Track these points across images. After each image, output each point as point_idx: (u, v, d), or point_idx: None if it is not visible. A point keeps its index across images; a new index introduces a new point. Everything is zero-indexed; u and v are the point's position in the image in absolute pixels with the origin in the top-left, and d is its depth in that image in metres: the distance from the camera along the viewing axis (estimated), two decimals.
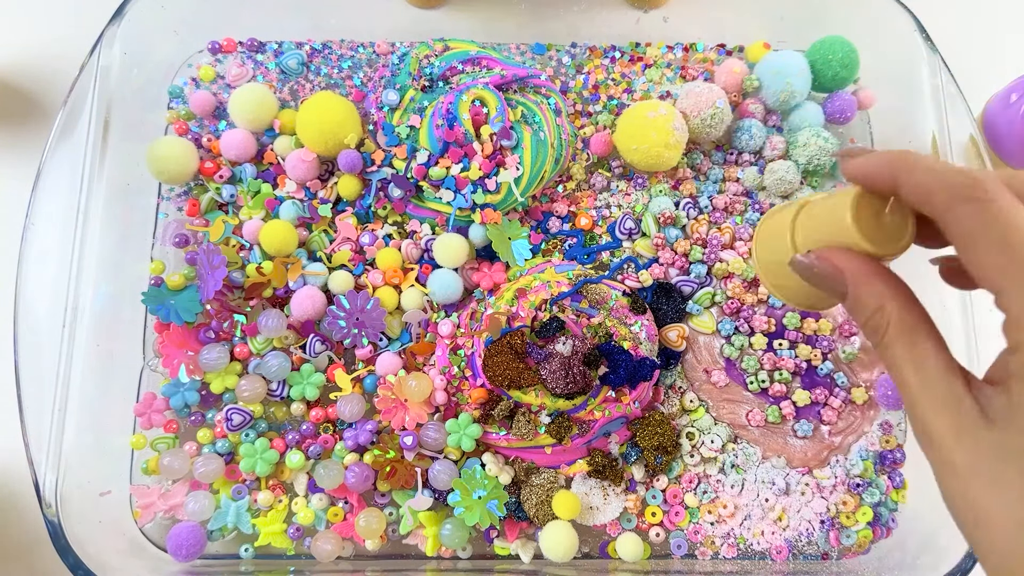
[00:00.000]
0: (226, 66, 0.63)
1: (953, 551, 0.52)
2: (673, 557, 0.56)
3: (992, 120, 0.63)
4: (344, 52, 0.64)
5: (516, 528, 0.55)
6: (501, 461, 0.55)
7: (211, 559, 0.56)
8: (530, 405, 0.53)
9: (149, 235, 0.60)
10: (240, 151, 0.60)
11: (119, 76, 0.59)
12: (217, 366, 0.55)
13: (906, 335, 0.28)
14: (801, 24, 0.65)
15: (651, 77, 0.65)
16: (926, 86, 0.61)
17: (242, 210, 0.60)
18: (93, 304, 0.55)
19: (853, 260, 0.29)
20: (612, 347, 0.53)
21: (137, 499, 0.55)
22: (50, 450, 0.51)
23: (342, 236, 0.59)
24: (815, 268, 0.30)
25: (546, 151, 0.57)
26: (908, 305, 0.29)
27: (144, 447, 0.56)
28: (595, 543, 0.57)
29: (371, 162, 0.58)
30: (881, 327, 0.28)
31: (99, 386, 0.55)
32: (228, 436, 0.56)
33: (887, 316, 0.28)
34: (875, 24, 0.63)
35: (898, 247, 0.30)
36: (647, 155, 0.59)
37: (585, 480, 0.56)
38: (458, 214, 0.57)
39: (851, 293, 0.29)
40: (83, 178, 0.56)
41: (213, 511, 0.55)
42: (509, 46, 0.65)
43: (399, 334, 0.58)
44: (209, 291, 0.53)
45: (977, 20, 0.74)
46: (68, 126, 0.56)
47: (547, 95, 0.60)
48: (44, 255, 0.55)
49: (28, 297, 0.54)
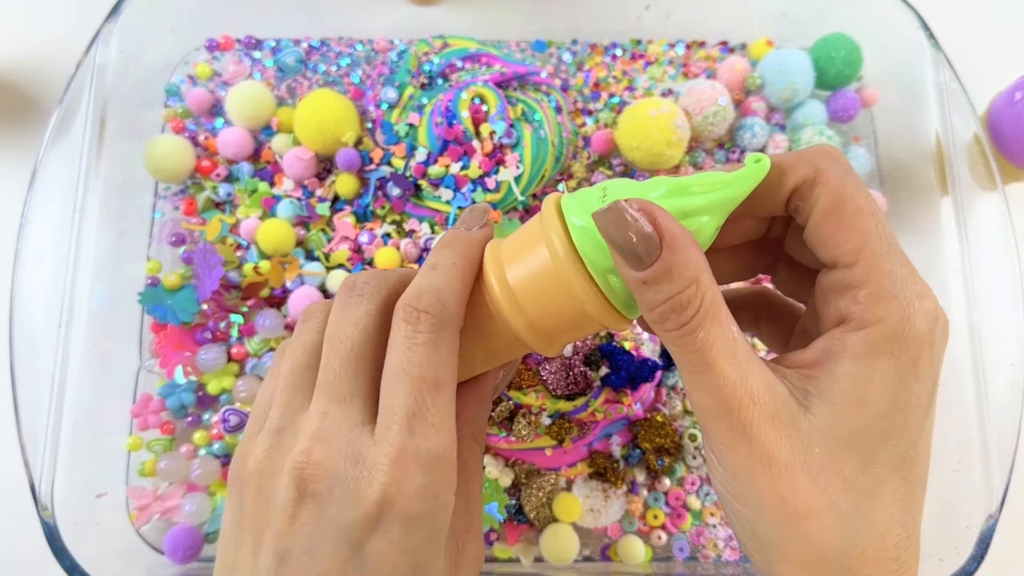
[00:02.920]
0: (223, 63, 0.63)
1: (956, 553, 0.51)
2: (675, 560, 0.56)
3: (996, 118, 0.62)
4: (342, 49, 0.64)
5: (516, 531, 0.55)
6: (501, 463, 0.55)
7: (208, 562, 0.55)
8: (530, 406, 0.53)
9: (145, 234, 0.60)
10: (237, 149, 0.59)
11: (115, 74, 0.58)
12: (214, 367, 0.55)
13: (719, 314, 0.25)
14: (804, 21, 0.65)
15: (653, 74, 0.64)
16: (930, 84, 0.60)
17: (239, 209, 0.59)
18: (89, 304, 0.55)
19: (672, 221, 0.25)
20: (613, 348, 0.53)
21: (133, 501, 0.55)
22: (46, 451, 0.51)
23: (340, 235, 0.58)
24: (631, 221, 0.25)
25: (547, 149, 0.57)
26: (714, 282, 0.25)
27: (140, 449, 0.55)
28: (596, 546, 0.56)
29: (369, 160, 0.57)
30: (693, 303, 0.24)
31: (95, 387, 0.54)
32: (224, 438, 0.55)
33: (702, 290, 0.24)
34: (878, 22, 0.62)
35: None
36: (649, 153, 0.58)
37: (586, 482, 0.56)
38: (457, 213, 0.56)
39: (665, 258, 0.24)
40: (79, 176, 0.56)
41: (210, 513, 0.54)
42: (509, 43, 0.65)
43: None
44: (206, 291, 0.53)
45: (981, 18, 0.73)
46: (64, 124, 0.56)
47: (547, 92, 0.60)
48: (40, 254, 0.54)
49: (23, 297, 0.53)
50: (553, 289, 0.28)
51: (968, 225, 0.57)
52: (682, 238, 0.25)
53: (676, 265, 0.24)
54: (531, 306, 0.29)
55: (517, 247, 0.29)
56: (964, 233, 0.57)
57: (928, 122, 0.60)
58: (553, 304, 0.28)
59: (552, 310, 0.28)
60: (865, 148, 0.64)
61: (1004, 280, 0.55)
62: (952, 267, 0.57)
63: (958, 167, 0.58)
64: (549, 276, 0.28)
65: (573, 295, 0.28)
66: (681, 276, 0.24)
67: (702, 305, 0.24)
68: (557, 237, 0.27)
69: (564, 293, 0.28)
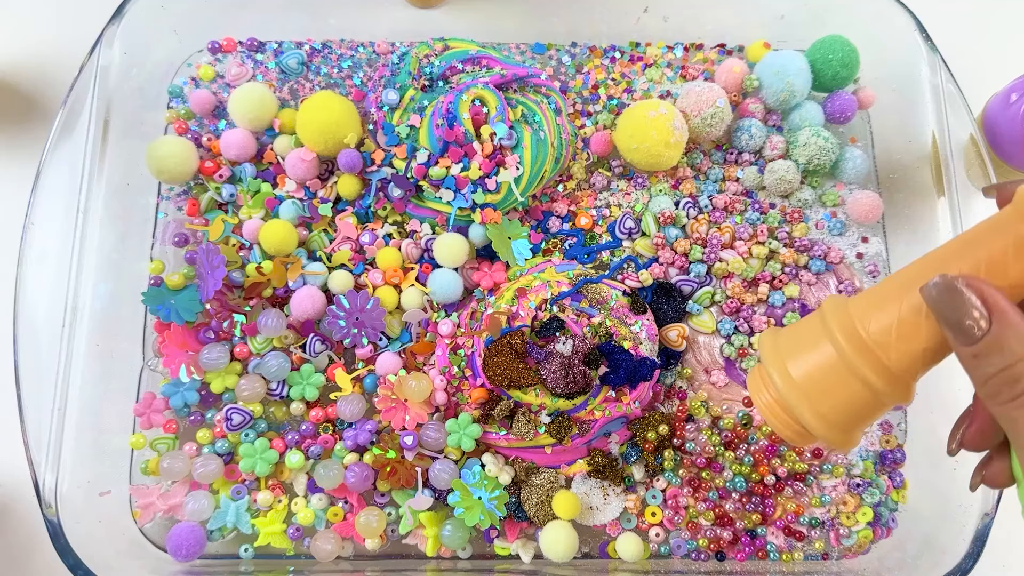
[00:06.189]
0: (226, 65, 0.63)
1: (953, 551, 0.52)
2: (673, 557, 0.56)
3: (992, 120, 0.63)
4: (344, 51, 0.64)
5: (516, 528, 0.55)
6: (501, 461, 0.55)
7: (211, 559, 0.56)
8: (530, 405, 0.53)
9: (149, 235, 0.60)
10: (240, 150, 0.60)
11: (119, 76, 0.59)
12: (217, 366, 0.55)
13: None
14: (801, 24, 0.65)
15: (651, 76, 0.65)
16: (926, 86, 0.61)
17: (242, 209, 0.60)
18: (93, 304, 0.55)
19: (998, 296, 0.25)
20: (612, 347, 0.53)
21: (137, 499, 0.55)
22: (50, 450, 0.51)
23: (342, 235, 0.59)
24: (959, 292, 0.25)
25: (546, 150, 0.57)
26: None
27: (144, 447, 0.55)
28: (595, 543, 0.56)
29: (371, 162, 0.58)
30: (1022, 380, 0.24)
31: (99, 386, 0.55)
32: (228, 436, 0.56)
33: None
34: (875, 24, 0.63)
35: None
36: (647, 154, 0.59)
37: (585, 480, 0.56)
38: (458, 214, 0.57)
39: (994, 332, 0.25)
40: (83, 178, 0.56)
41: (213, 511, 0.55)
42: (509, 45, 0.65)
43: (399, 334, 0.58)
44: (209, 291, 0.53)
45: (977, 20, 0.74)
46: (68, 125, 0.56)
47: (547, 94, 0.60)
48: (44, 255, 0.55)
49: (28, 297, 0.54)
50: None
51: (964, 226, 0.58)
52: (1010, 312, 0.25)
53: (1006, 339, 0.25)
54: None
55: (798, 345, 0.32)
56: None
57: (925, 123, 0.61)
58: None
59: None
60: (862, 149, 0.64)
61: None
62: None
63: (954, 168, 0.58)
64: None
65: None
66: (1012, 350, 0.25)
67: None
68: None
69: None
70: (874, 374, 0.30)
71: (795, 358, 0.32)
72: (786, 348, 0.32)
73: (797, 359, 0.32)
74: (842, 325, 0.31)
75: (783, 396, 0.31)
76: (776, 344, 0.33)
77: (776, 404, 0.32)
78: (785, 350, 0.32)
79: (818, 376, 0.31)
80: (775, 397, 0.32)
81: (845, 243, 0.62)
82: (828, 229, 0.62)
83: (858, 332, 0.30)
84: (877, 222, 0.62)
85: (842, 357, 0.30)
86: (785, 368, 0.32)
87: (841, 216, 0.62)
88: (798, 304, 0.59)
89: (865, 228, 0.62)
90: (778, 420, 0.33)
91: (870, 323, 0.30)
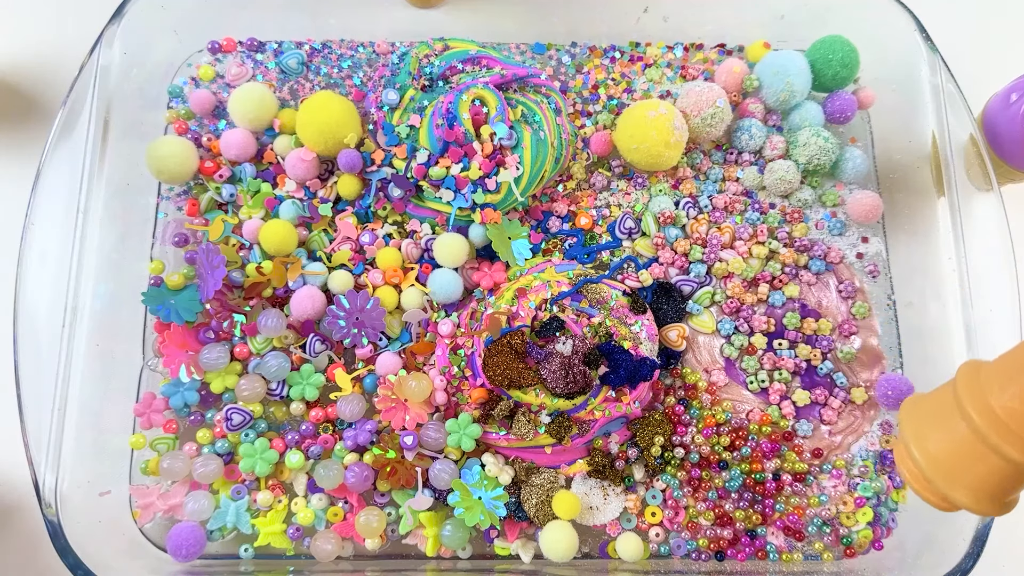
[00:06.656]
0: (226, 65, 0.63)
1: (953, 551, 0.52)
2: (673, 557, 0.56)
3: (992, 120, 0.63)
4: (344, 52, 0.64)
5: (516, 528, 0.55)
6: (501, 461, 0.55)
7: (211, 559, 0.56)
8: (530, 405, 0.53)
9: (149, 235, 0.60)
10: (240, 150, 0.60)
11: (119, 76, 0.59)
12: (217, 366, 0.55)
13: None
14: (801, 24, 0.65)
15: (651, 76, 0.65)
16: (926, 86, 0.61)
17: (242, 209, 0.60)
18: (93, 304, 0.55)
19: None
20: (612, 347, 0.53)
21: (136, 499, 0.55)
22: (50, 450, 0.51)
23: (342, 235, 0.59)
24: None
25: (546, 150, 0.57)
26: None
27: (144, 447, 0.55)
28: (595, 543, 0.56)
29: (371, 162, 0.58)
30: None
31: (99, 386, 0.55)
32: (228, 436, 0.56)
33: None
34: (875, 24, 0.63)
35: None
36: (647, 154, 0.59)
37: (585, 480, 0.56)
38: (458, 214, 0.57)
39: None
40: (83, 178, 0.56)
41: (213, 511, 0.55)
42: (509, 45, 0.65)
43: (399, 334, 0.58)
44: (209, 291, 0.53)
45: (977, 20, 0.74)
46: (68, 126, 0.56)
47: (547, 94, 0.60)
48: (44, 255, 0.55)
49: (28, 297, 0.54)
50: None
51: (964, 226, 0.58)
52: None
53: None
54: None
55: (935, 421, 0.33)
56: (960, 234, 0.57)
57: (925, 123, 0.61)
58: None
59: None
60: (862, 149, 0.64)
61: (1000, 280, 0.56)
62: (948, 267, 0.58)
63: (954, 168, 0.58)
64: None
65: None
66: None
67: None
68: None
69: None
70: (1012, 448, 0.30)
71: (933, 435, 0.32)
72: (924, 424, 0.33)
73: (935, 436, 0.32)
74: (975, 401, 0.31)
75: (926, 474, 0.32)
76: (914, 418, 0.33)
77: (921, 476, 0.33)
78: (923, 426, 0.33)
79: (958, 454, 0.32)
80: (920, 472, 0.33)
81: (845, 243, 0.62)
82: (828, 229, 0.62)
83: (992, 408, 0.30)
84: (877, 222, 0.62)
85: (977, 435, 0.31)
86: (925, 446, 0.32)
87: (841, 216, 0.62)
88: (798, 304, 0.59)
89: (865, 228, 0.62)
90: (925, 491, 0.34)
91: (1004, 395, 0.30)
